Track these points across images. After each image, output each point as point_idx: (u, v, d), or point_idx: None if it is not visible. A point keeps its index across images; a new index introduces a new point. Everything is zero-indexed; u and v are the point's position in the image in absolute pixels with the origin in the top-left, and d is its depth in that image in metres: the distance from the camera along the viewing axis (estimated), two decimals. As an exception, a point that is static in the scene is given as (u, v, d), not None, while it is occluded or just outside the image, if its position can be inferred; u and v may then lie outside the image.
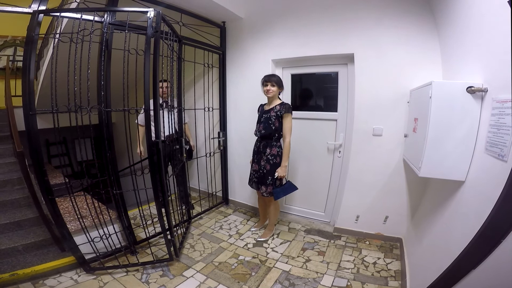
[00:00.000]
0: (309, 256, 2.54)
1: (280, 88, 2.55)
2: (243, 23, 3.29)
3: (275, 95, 2.56)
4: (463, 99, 1.57)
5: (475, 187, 1.51)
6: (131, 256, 2.43)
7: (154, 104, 2.01)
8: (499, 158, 1.26)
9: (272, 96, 2.55)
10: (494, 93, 1.40)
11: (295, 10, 2.90)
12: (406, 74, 2.42)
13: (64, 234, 2.11)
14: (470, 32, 1.70)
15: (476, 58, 1.63)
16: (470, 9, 1.68)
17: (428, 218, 2.13)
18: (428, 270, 1.70)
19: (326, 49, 2.77)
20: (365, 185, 2.75)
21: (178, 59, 2.72)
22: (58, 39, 1.85)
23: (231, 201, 3.81)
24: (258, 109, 2.74)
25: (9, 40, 5.13)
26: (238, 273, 2.30)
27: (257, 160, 2.67)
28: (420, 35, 2.33)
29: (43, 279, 2.14)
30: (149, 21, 1.92)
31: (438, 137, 1.67)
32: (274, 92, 2.52)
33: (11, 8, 1.74)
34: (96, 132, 2.17)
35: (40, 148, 1.87)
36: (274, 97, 2.56)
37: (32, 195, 2.35)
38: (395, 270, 2.29)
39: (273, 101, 2.57)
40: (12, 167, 3.09)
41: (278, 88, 2.53)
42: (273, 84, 2.51)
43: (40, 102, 3.21)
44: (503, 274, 1.18)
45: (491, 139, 1.38)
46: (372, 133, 2.63)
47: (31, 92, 1.77)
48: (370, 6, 2.50)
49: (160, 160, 2.12)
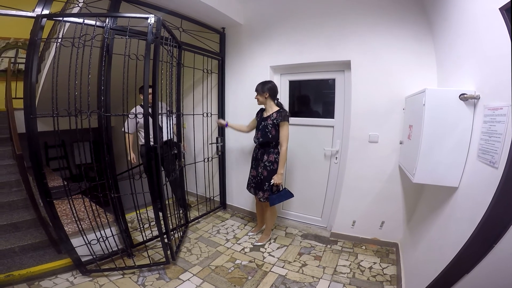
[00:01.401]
0: (305, 261, 2.55)
1: (264, 93, 2.54)
2: (242, 30, 3.34)
3: (265, 102, 2.58)
4: (456, 106, 1.60)
5: (468, 193, 1.54)
6: (128, 259, 2.43)
7: (152, 109, 2.02)
8: (490, 165, 1.29)
9: (263, 104, 2.60)
10: (486, 101, 1.43)
11: (293, 17, 2.96)
12: (402, 81, 2.46)
13: (61, 236, 2.11)
14: (463, 39, 1.73)
15: (468, 65, 1.66)
16: (463, 15, 1.71)
17: (423, 223, 2.15)
18: (423, 275, 1.72)
19: (323, 55, 2.82)
20: (362, 191, 2.77)
21: (178, 64, 2.75)
22: (60, 43, 1.88)
23: (229, 206, 3.82)
24: (257, 114, 2.75)
25: (11, 42, 5.15)
26: (235, 277, 2.31)
27: (255, 166, 2.70)
28: (415, 42, 2.37)
29: (39, 281, 2.14)
30: (150, 27, 1.96)
31: (432, 144, 1.70)
32: (260, 100, 2.57)
33: (15, 12, 1.77)
34: (96, 135, 2.19)
35: (39, 151, 1.88)
36: (267, 104, 2.59)
37: (30, 197, 2.36)
38: (391, 275, 2.30)
39: (269, 109, 2.59)
40: (10, 169, 3.09)
41: (261, 95, 2.55)
42: (256, 92, 2.57)
43: (40, 105, 3.22)
44: (496, 278, 1.20)
45: (483, 146, 1.40)
46: (368, 140, 2.66)
47: (33, 95, 1.79)
48: (366, 14, 2.55)
49: (158, 165, 2.13)
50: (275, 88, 2.59)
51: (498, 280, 1.19)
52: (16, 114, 3.01)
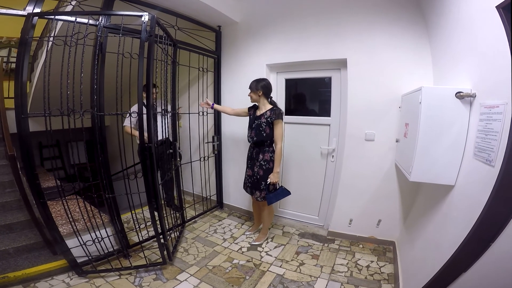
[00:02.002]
0: (303, 260, 2.54)
1: (258, 91, 2.51)
2: (239, 28, 3.31)
3: (258, 100, 2.56)
4: (452, 105, 1.59)
5: (464, 191, 1.53)
6: (124, 260, 2.42)
7: (147, 108, 2.00)
8: (486, 163, 1.29)
9: (256, 101, 2.58)
10: (482, 98, 1.43)
11: (289, 16, 2.94)
12: (398, 79, 2.46)
13: (55, 237, 2.09)
14: (459, 36, 1.73)
15: (464, 63, 1.65)
16: (459, 13, 1.70)
17: (420, 221, 2.15)
18: (421, 273, 1.72)
19: (319, 54, 2.80)
20: (358, 189, 2.77)
21: (173, 63, 2.72)
22: (52, 42, 1.84)
23: (226, 205, 3.80)
24: (249, 109, 2.70)
25: (3, 41, 5.08)
26: (232, 276, 2.30)
27: (250, 166, 2.68)
28: (411, 40, 2.37)
29: (35, 282, 2.12)
30: (144, 25, 1.93)
31: (428, 142, 1.69)
32: (254, 98, 2.55)
33: (6, 10, 1.74)
34: (90, 135, 2.16)
35: (31, 152, 1.86)
36: (260, 102, 2.57)
37: (24, 198, 2.32)
38: (388, 273, 2.31)
39: (262, 107, 2.57)
40: (3, 170, 3.05)
41: (254, 92, 2.53)
42: (250, 89, 2.56)
43: (34, 104, 3.19)
44: (494, 276, 1.20)
45: (479, 144, 1.40)
46: (365, 138, 2.65)
47: (24, 94, 1.76)
48: (363, 12, 2.54)
49: (153, 165, 2.11)
50: (269, 86, 2.56)
51: (495, 278, 1.19)
52: (8, 114, 2.97)
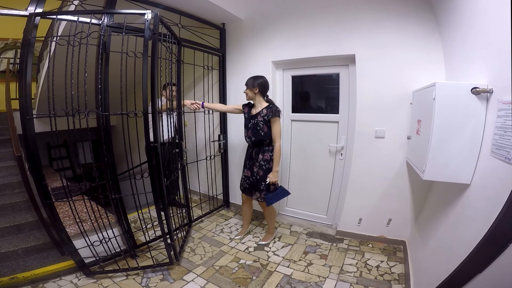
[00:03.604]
0: (311, 260, 2.50)
1: (254, 88, 2.46)
2: (243, 25, 3.27)
3: (254, 98, 2.51)
4: (467, 101, 1.53)
5: (481, 190, 1.48)
6: (131, 260, 2.41)
7: (152, 108, 1.98)
8: (505, 161, 1.23)
9: (251, 99, 2.54)
10: (500, 94, 1.37)
11: (295, 11, 2.88)
12: (408, 75, 2.39)
13: (63, 238, 2.09)
14: (474, 31, 1.66)
15: (480, 58, 1.59)
16: (475, 6, 1.64)
17: (432, 221, 2.09)
18: (433, 274, 1.67)
19: (326, 50, 2.74)
20: (368, 188, 2.71)
21: (177, 61, 2.70)
22: (55, 42, 1.83)
23: (232, 204, 3.78)
24: (244, 106, 2.64)
25: (10, 42, 5.13)
26: (239, 277, 2.27)
27: (249, 166, 2.62)
28: (422, 36, 2.30)
29: (43, 283, 2.13)
30: (147, 23, 1.90)
31: (442, 139, 1.63)
32: (249, 95, 2.50)
33: (8, 11, 1.72)
34: (96, 135, 2.15)
35: (37, 152, 1.85)
36: (256, 100, 2.52)
37: (31, 199, 2.33)
38: (399, 274, 2.25)
39: (258, 105, 2.52)
40: (12, 171, 3.08)
41: (251, 89, 2.48)
42: (246, 86, 2.50)
43: (41, 105, 3.20)
44: (510, 278, 1.15)
45: (497, 142, 1.34)
46: (375, 135, 2.59)
47: (28, 95, 1.75)
48: (370, 7, 2.47)
49: (159, 164, 2.09)
50: (266, 84, 2.51)
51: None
52: (15, 115, 2.99)
